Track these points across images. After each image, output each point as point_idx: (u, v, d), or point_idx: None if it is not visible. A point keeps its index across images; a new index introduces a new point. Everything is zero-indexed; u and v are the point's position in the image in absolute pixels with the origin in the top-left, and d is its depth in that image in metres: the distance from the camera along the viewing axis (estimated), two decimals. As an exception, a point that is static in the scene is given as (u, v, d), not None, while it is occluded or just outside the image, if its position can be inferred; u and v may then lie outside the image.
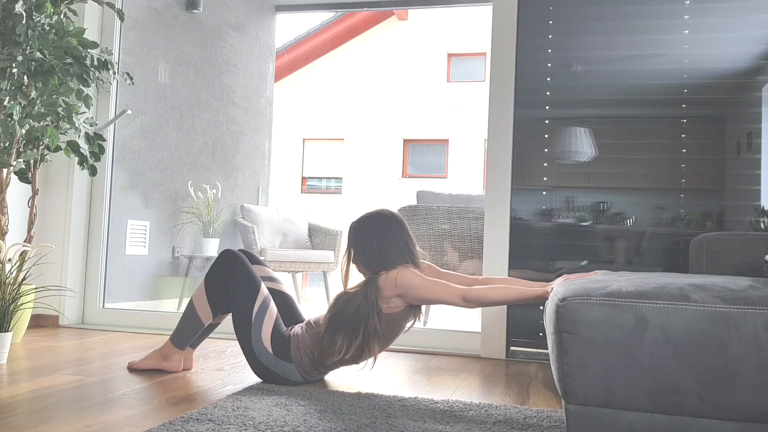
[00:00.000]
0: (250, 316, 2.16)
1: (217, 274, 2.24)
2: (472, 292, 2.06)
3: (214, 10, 5.25)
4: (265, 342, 2.15)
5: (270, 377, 2.17)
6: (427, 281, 2.10)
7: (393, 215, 2.27)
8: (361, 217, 2.29)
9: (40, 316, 3.37)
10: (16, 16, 2.63)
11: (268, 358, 2.15)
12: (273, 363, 2.15)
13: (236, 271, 2.21)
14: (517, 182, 3.03)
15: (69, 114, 2.81)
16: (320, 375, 2.24)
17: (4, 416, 1.68)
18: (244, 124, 5.77)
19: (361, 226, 2.26)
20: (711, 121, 2.99)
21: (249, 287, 2.19)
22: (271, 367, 2.15)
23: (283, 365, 2.15)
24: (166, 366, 2.30)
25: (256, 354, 2.16)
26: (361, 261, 2.22)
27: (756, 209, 2.86)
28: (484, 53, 12.35)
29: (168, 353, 2.31)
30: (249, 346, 2.17)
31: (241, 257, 2.25)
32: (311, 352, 2.15)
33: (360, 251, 2.22)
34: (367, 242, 2.21)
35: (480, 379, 2.46)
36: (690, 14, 2.92)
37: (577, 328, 1.37)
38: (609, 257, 3.02)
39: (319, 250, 5.45)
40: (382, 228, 2.22)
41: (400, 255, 2.19)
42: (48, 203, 3.44)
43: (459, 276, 2.36)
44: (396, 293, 2.11)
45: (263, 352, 2.15)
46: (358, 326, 2.09)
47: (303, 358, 2.15)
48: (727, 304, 1.32)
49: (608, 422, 1.38)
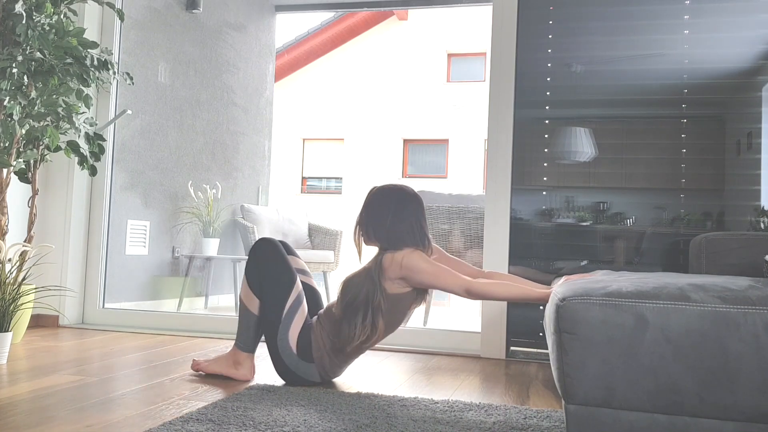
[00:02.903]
0: (280, 313, 2.12)
1: (253, 262, 2.17)
2: (477, 286, 2.05)
3: (214, 10, 5.24)
4: (291, 341, 2.12)
5: (289, 376, 2.15)
6: (434, 267, 2.08)
7: (414, 194, 2.23)
8: (383, 186, 2.25)
9: (40, 316, 3.37)
10: (16, 16, 2.63)
11: (290, 357, 2.13)
12: (294, 363, 2.13)
13: (271, 261, 2.15)
14: (517, 182, 3.03)
15: (69, 114, 2.81)
16: (336, 373, 2.22)
17: (4, 416, 1.68)
18: (244, 124, 5.76)
19: (380, 194, 2.21)
20: (711, 121, 2.99)
21: (283, 280, 2.14)
22: (292, 367, 2.13)
23: (303, 366, 2.13)
24: (236, 374, 2.22)
25: (279, 352, 2.13)
26: (371, 229, 2.18)
27: (756, 209, 2.86)
28: (484, 53, 12.34)
29: (239, 359, 2.23)
30: (273, 343, 2.14)
31: (276, 245, 2.19)
32: (331, 342, 2.12)
33: (371, 218, 2.18)
34: (380, 213, 2.17)
35: (480, 379, 2.46)
36: (690, 14, 2.92)
37: (577, 328, 1.37)
38: (609, 257, 3.02)
39: (319, 250, 5.45)
40: (401, 204, 2.18)
41: (411, 236, 2.15)
42: (48, 203, 3.44)
43: (466, 265, 2.33)
44: (400, 275, 2.08)
45: (287, 351, 2.12)
46: (367, 305, 2.08)
47: (323, 357, 2.13)
48: (727, 304, 1.32)
49: (608, 422, 1.38)
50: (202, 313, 4.39)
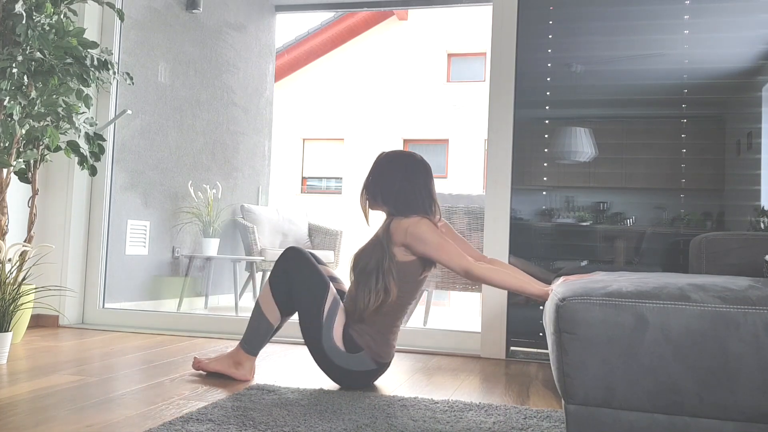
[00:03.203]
0: (320, 317, 2.08)
1: (282, 271, 2.15)
2: (477, 269, 2.05)
3: (214, 10, 5.24)
4: (337, 341, 2.09)
5: (345, 378, 2.13)
6: (440, 239, 2.07)
7: (423, 160, 2.23)
8: (391, 151, 2.25)
9: (40, 316, 3.37)
10: (16, 16, 2.63)
11: (340, 357, 2.10)
12: (345, 360, 2.10)
13: (303, 269, 2.12)
14: (517, 182, 3.03)
15: (69, 114, 2.81)
16: (389, 353, 2.18)
17: (4, 416, 1.68)
18: (244, 124, 5.76)
19: (389, 157, 2.22)
20: (711, 121, 2.99)
21: (318, 285, 2.11)
22: (345, 365, 2.10)
23: (355, 358, 2.11)
24: (236, 374, 2.21)
25: (329, 355, 2.10)
26: (378, 193, 2.17)
27: (756, 209, 2.86)
28: (484, 53, 12.34)
29: (240, 360, 2.21)
30: (320, 348, 2.10)
31: (305, 253, 2.16)
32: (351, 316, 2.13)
33: (378, 182, 2.18)
34: (389, 176, 2.17)
35: (480, 379, 2.46)
36: (690, 14, 2.92)
37: (577, 328, 1.37)
38: (609, 257, 3.02)
39: (319, 250, 5.45)
40: (410, 168, 2.18)
41: (419, 202, 2.15)
42: (48, 203, 3.44)
43: (470, 247, 2.34)
44: (404, 242, 2.08)
45: (335, 351, 2.09)
46: (378, 270, 2.08)
47: (369, 340, 2.11)
48: (727, 304, 1.32)
49: (608, 422, 1.38)
50: (202, 313, 4.39)
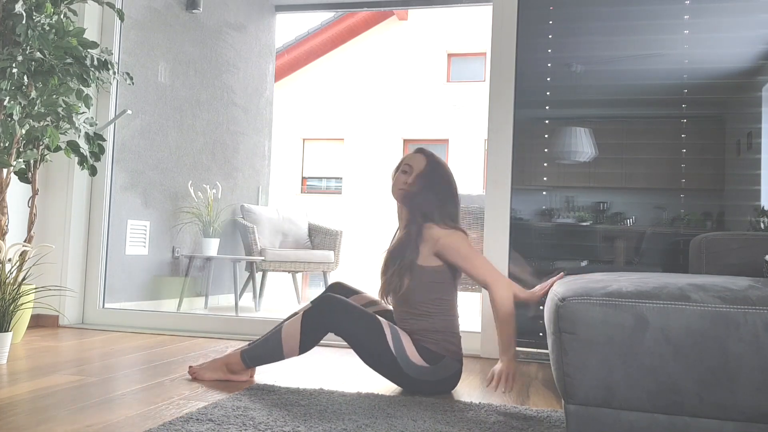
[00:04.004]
0: (390, 351, 2.05)
1: (318, 319, 2.06)
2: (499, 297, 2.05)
3: (214, 10, 5.24)
4: (417, 361, 2.07)
5: (440, 386, 2.12)
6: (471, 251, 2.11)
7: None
8: (439, 159, 2.27)
9: (40, 316, 3.37)
10: (16, 16, 2.63)
11: (428, 373, 2.08)
12: (434, 373, 2.09)
13: (343, 318, 2.06)
14: (517, 182, 3.03)
15: (69, 114, 2.81)
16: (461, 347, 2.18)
17: (4, 416, 1.68)
18: (244, 124, 5.76)
19: (441, 168, 2.24)
20: (711, 121, 2.99)
21: (369, 325, 2.06)
22: (435, 378, 2.09)
23: (440, 367, 2.09)
24: (234, 377, 2.19)
25: (419, 378, 2.07)
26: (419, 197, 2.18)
27: (756, 209, 2.86)
28: (484, 53, 12.34)
29: (237, 370, 2.17)
30: (406, 377, 2.07)
31: (341, 302, 2.07)
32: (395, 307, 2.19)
33: (427, 185, 2.19)
34: (437, 184, 2.21)
35: (480, 379, 2.46)
36: (690, 14, 2.92)
37: (577, 328, 1.37)
38: (609, 257, 3.02)
39: (319, 250, 5.45)
40: (453, 184, 2.25)
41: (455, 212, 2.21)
42: (48, 203, 3.44)
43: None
44: (434, 250, 2.12)
45: (421, 371, 2.07)
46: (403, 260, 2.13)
47: (442, 343, 2.11)
48: (727, 304, 1.32)
49: (608, 422, 1.38)
50: (202, 313, 4.39)
